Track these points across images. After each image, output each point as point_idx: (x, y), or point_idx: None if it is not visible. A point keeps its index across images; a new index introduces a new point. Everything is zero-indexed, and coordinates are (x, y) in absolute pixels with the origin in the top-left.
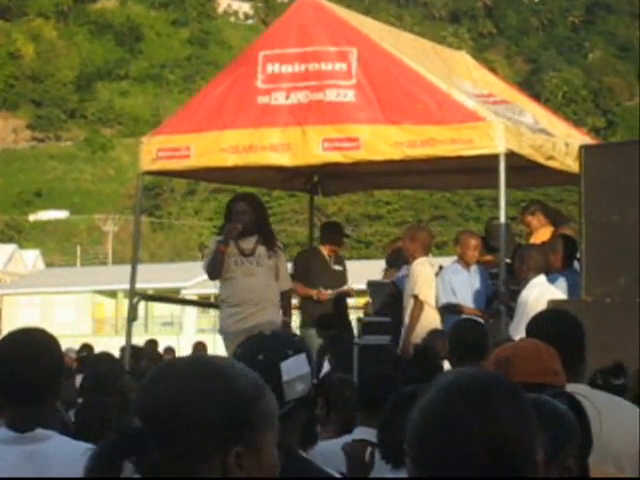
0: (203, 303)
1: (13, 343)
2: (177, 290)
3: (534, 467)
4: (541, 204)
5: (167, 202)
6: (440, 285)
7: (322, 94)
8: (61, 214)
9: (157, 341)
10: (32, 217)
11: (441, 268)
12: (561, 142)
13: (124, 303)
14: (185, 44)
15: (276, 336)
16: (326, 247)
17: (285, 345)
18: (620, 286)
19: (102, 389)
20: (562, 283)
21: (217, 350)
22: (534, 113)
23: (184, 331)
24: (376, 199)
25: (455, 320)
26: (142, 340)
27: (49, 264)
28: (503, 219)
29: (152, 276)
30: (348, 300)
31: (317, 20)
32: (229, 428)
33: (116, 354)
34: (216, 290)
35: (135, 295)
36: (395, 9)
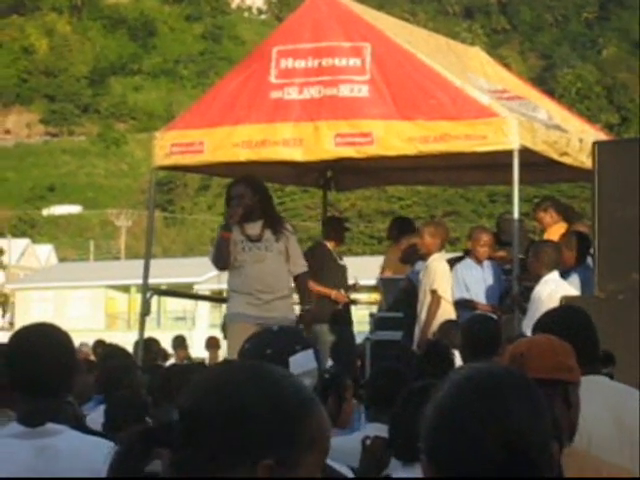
0: (216, 298)
1: (25, 338)
2: (190, 285)
3: (550, 461)
4: (553, 200)
5: (180, 197)
6: (454, 281)
7: (335, 89)
8: (74, 209)
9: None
10: (45, 212)
11: (450, 263)
12: (575, 138)
13: (137, 298)
14: (199, 39)
15: (284, 331)
16: (331, 242)
17: (293, 340)
18: (633, 282)
19: (113, 384)
20: (575, 279)
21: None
22: (548, 109)
23: (197, 326)
24: (389, 195)
25: (469, 315)
26: (155, 335)
27: (62, 259)
28: (517, 215)
29: (165, 271)
30: (359, 296)
31: (331, 15)
32: (264, 439)
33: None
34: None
35: (148, 290)
36: (409, 5)
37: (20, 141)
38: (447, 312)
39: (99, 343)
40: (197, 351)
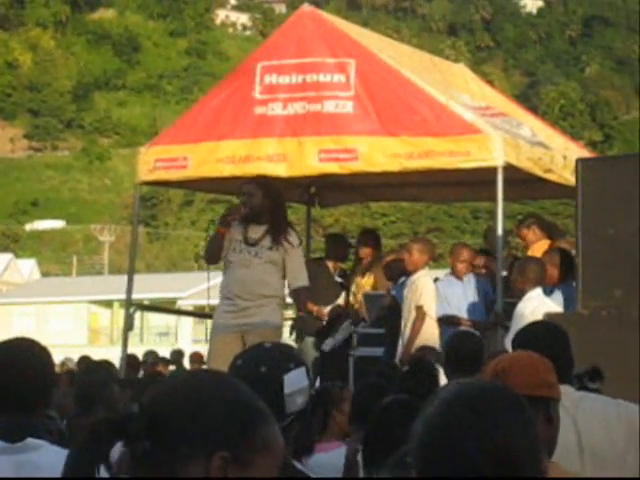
0: (199, 314)
1: (4, 353)
2: (173, 301)
3: (540, 476)
4: (537, 217)
5: (164, 212)
6: (436, 297)
7: (320, 105)
8: (57, 224)
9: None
10: (28, 226)
11: (436, 280)
12: (559, 155)
13: (120, 313)
14: (183, 55)
15: (277, 348)
16: (331, 260)
17: (287, 358)
18: (616, 299)
19: (91, 399)
20: (558, 296)
21: None
22: (532, 126)
23: (180, 341)
24: (373, 211)
25: (451, 332)
26: (137, 350)
27: (45, 274)
28: (500, 232)
29: (148, 286)
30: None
31: (315, 31)
32: (220, 435)
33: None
34: (212, 301)
35: (131, 305)
36: (393, 21)
37: (4, 156)
38: (431, 328)
39: (84, 359)
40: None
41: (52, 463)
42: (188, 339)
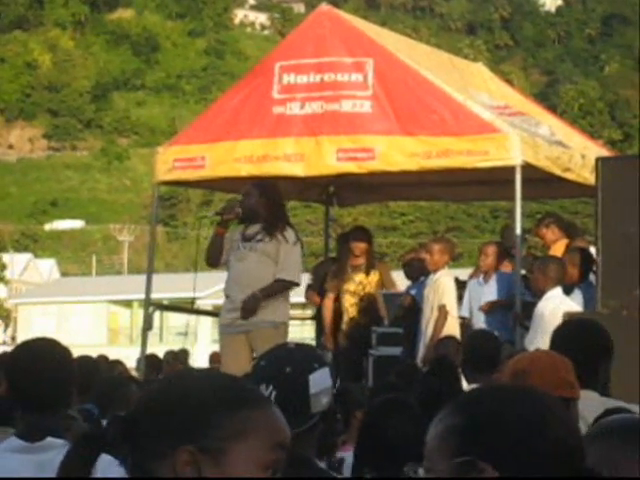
0: (218, 313)
1: (26, 353)
2: (192, 300)
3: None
4: (556, 217)
5: (182, 212)
6: (464, 298)
7: (338, 105)
8: (77, 224)
9: (187, 350)
10: (48, 226)
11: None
12: (577, 154)
13: (139, 313)
14: (201, 54)
15: (301, 349)
16: None
17: (311, 358)
18: (635, 298)
19: (108, 398)
20: (578, 296)
21: None
22: (550, 125)
23: (199, 341)
24: (391, 210)
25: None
26: (157, 350)
27: (64, 273)
28: (519, 231)
29: (167, 286)
30: None
31: (334, 31)
32: (181, 428)
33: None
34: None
35: (150, 305)
36: (411, 20)
37: (23, 156)
38: (453, 328)
39: (101, 358)
40: (199, 366)
41: None
42: (207, 339)
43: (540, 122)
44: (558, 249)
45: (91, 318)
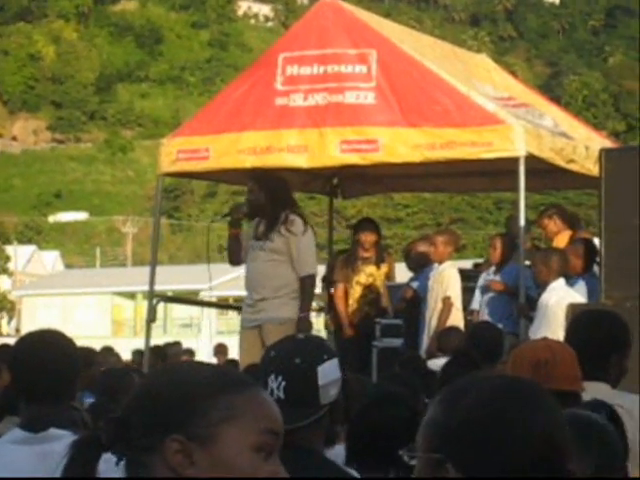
0: (222, 305)
1: (30, 344)
2: (196, 292)
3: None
4: (559, 208)
5: (187, 204)
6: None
7: (341, 96)
8: (80, 215)
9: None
10: (52, 218)
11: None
12: (581, 145)
13: (143, 305)
14: (205, 46)
15: (311, 340)
16: None
17: (320, 350)
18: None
19: (111, 389)
20: (582, 287)
21: (236, 352)
22: (554, 116)
23: (203, 333)
24: (395, 202)
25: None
26: (161, 342)
27: (68, 265)
28: (523, 222)
29: (171, 278)
30: None
31: (337, 22)
32: (166, 416)
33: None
34: (235, 292)
35: (154, 297)
36: (415, 12)
37: (27, 148)
38: (457, 319)
39: (104, 350)
40: (203, 358)
41: None
42: (211, 330)
43: (544, 113)
44: (561, 240)
45: (95, 310)
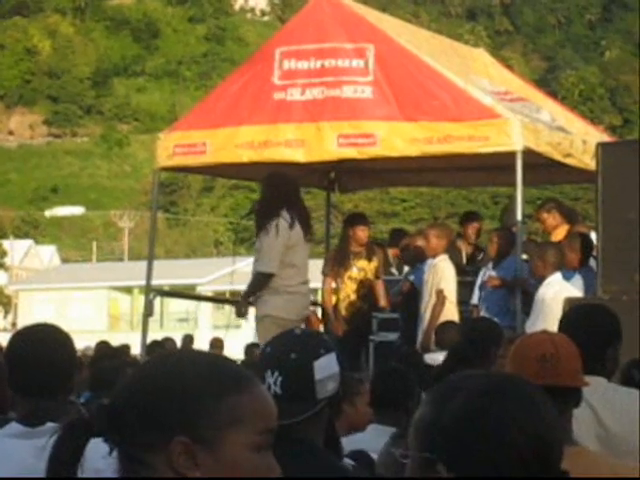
0: (218, 299)
1: (26, 338)
2: (193, 286)
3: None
4: (557, 202)
5: (183, 198)
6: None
7: (339, 90)
8: (77, 210)
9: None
10: (48, 213)
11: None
12: (578, 140)
13: (140, 299)
14: (202, 40)
15: (307, 335)
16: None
17: (317, 344)
18: (636, 283)
19: (105, 385)
20: (578, 281)
21: (231, 346)
22: (551, 110)
23: (199, 327)
24: (392, 196)
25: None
26: (157, 336)
27: (65, 260)
28: (520, 217)
29: (168, 272)
30: None
31: (334, 16)
32: (175, 419)
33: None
34: (231, 286)
35: (151, 291)
36: (412, 6)
37: (23, 142)
38: (451, 313)
39: (101, 344)
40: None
41: None
42: (208, 325)
43: (541, 108)
44: (559, 234)
45: (92, 304)
